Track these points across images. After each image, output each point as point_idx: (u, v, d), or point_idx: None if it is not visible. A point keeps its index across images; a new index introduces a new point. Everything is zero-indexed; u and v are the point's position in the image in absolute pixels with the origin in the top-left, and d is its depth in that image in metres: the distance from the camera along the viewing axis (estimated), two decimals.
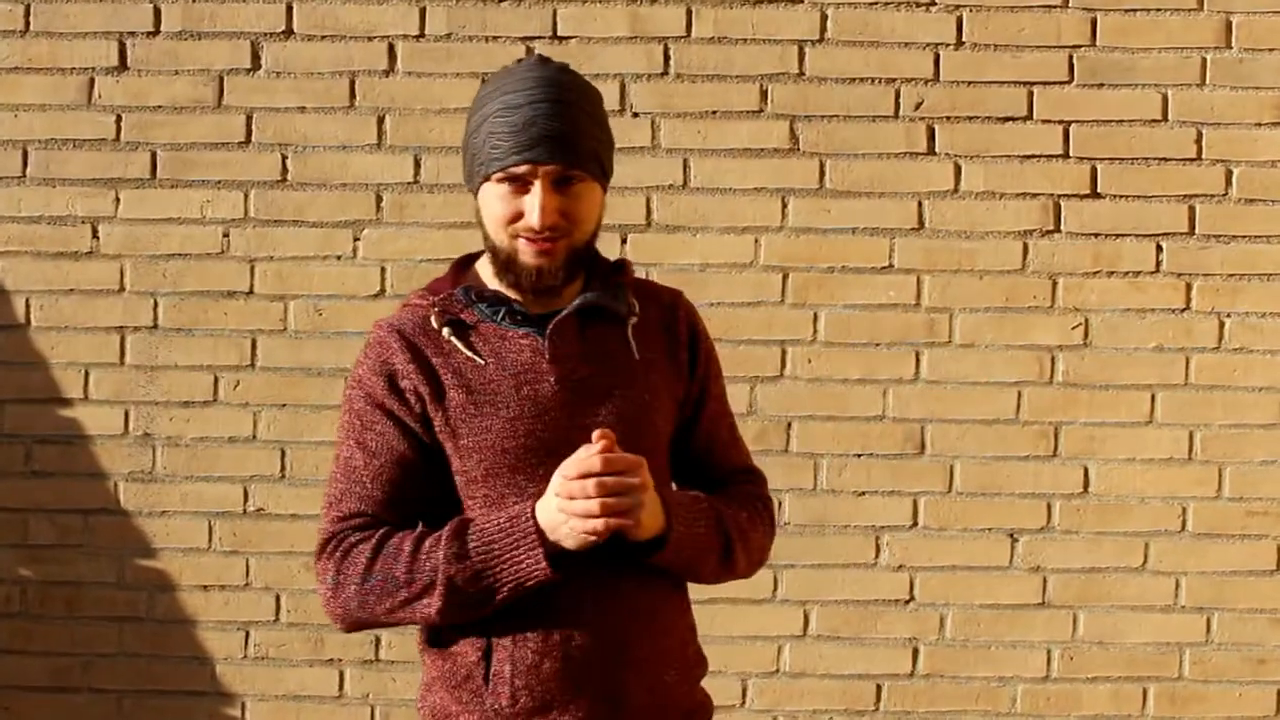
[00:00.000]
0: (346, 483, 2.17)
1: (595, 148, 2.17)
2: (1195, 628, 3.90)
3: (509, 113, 2.11)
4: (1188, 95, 3.86)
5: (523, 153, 2.10)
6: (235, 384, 3.95)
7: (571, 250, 2.17)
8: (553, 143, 2.11)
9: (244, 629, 3.97)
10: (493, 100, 2.15)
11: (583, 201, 2.17)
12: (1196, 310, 3.88)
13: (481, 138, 2.15)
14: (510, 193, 2.13)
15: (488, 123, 2.14)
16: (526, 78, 2.15)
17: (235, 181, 3.93)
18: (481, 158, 2.15)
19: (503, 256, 2.17)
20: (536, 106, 2.11)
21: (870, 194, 3.89)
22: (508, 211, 2.14)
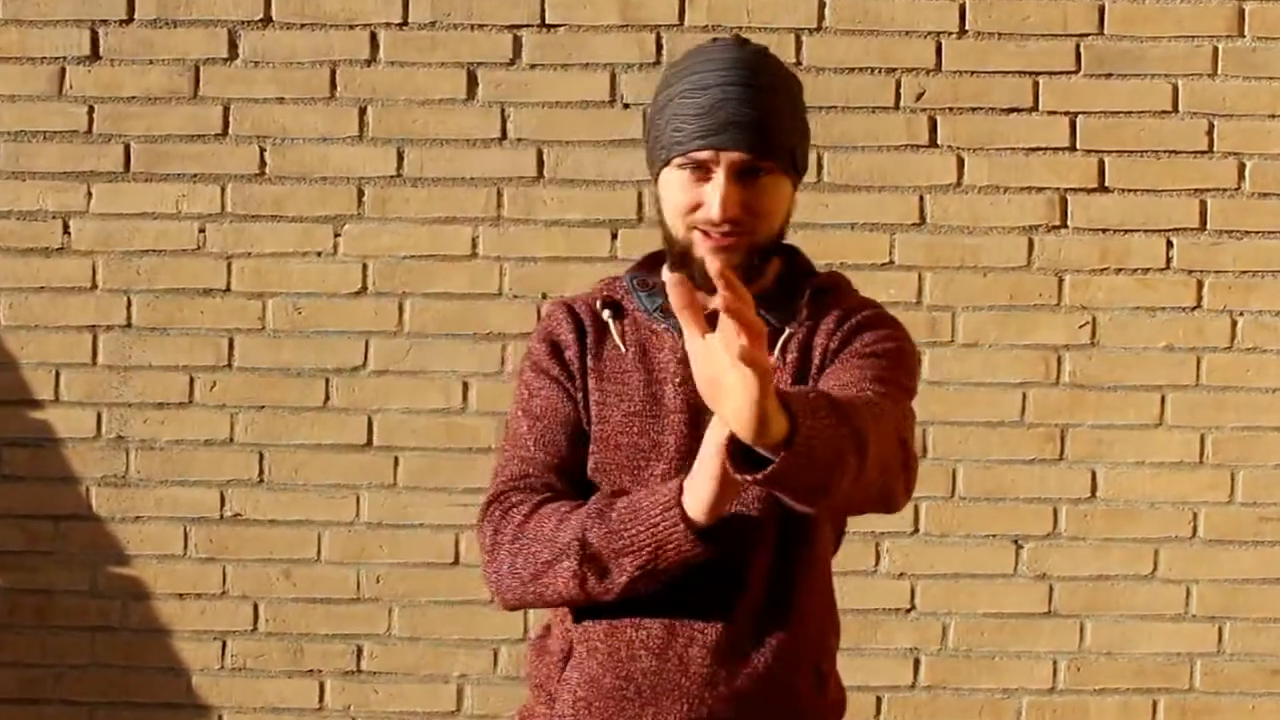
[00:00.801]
0: (512, 449, 2.14)
1: (788, 138, 2.08)
2: (1207, 637, 3.89)
3: (697, 94, 2.04)
4: (1199, 86, 3.85)
5: (707, 137, 2.02)
6: (211, 385, 3.93)
7: (752, 248, 2.08)
8: (741, 129, 2.02)
9: (220, 639, 3.96)
10: (681, 80, 2.08)
11: (769, 195, 2.07)
12: (1208, 308, 3.87)
13: (665, 119, 2.08)
14: (691, 180, 2.06)
15: (673, 104, 2.07)
16: (720, 58, 2.07)
17: (211, 175, 3.91)
18: (663, 140, 2.08)
19: (677, 249, 2.11)
20: (727, 89, 2.02)
21: (870, 188, 3.88)
22: (687, 200, 2.07)
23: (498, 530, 2.08)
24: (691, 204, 2.07)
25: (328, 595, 3.94)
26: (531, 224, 3.90)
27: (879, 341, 2.15)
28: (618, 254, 3.86)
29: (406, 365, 3.91)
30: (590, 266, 3.85)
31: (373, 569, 3.93)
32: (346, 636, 3.94)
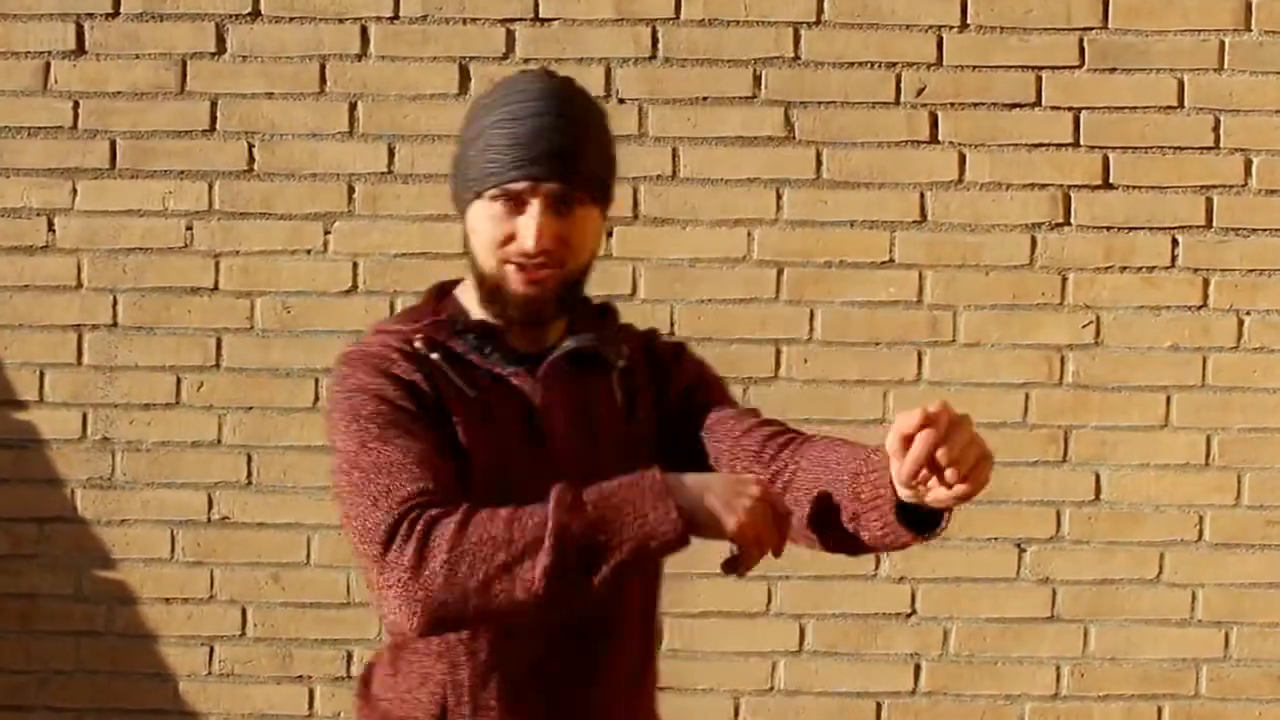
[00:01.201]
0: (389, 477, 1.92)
1: (600, 168, 2.10)
2: (1213, 643, 3.89)
3: (510, 124, 2.03)
4: (1205, 80, 3.84)
5: (523, 168, 2.01)
6: (199, 385, 3.92)
7: (564, 281, 2.08)
8: (555, 159, 2.02)
9: (208, 644, 3.95)
10: (492, 111, 2.06)
11: (582, 227, 2.08)
12: (1214, 308, 3.86)
13: (476, 150, 2.06)
14: (504, 213, 2.04)
15: (485, 135, 2.05)
16: (531, 89, 2.06)
17: (199, 172, 3.90)
18: (474, 172, 2.06)
19: (489, 284, 2.08)
20: (541, 119, 2.02)
21: (870, 185, 3.87)
22: (499, 233, 2.05)
23: (425, 544, 1.85)
24: (504, 236, 2.05)
25: (317, 599, 3.93)
26: None
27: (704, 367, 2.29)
28: (613, 251, 3.84)
29: None
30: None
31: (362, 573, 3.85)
32: (336, 641, 3.94)
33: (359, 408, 2.00)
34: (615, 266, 3.83)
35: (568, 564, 1.85)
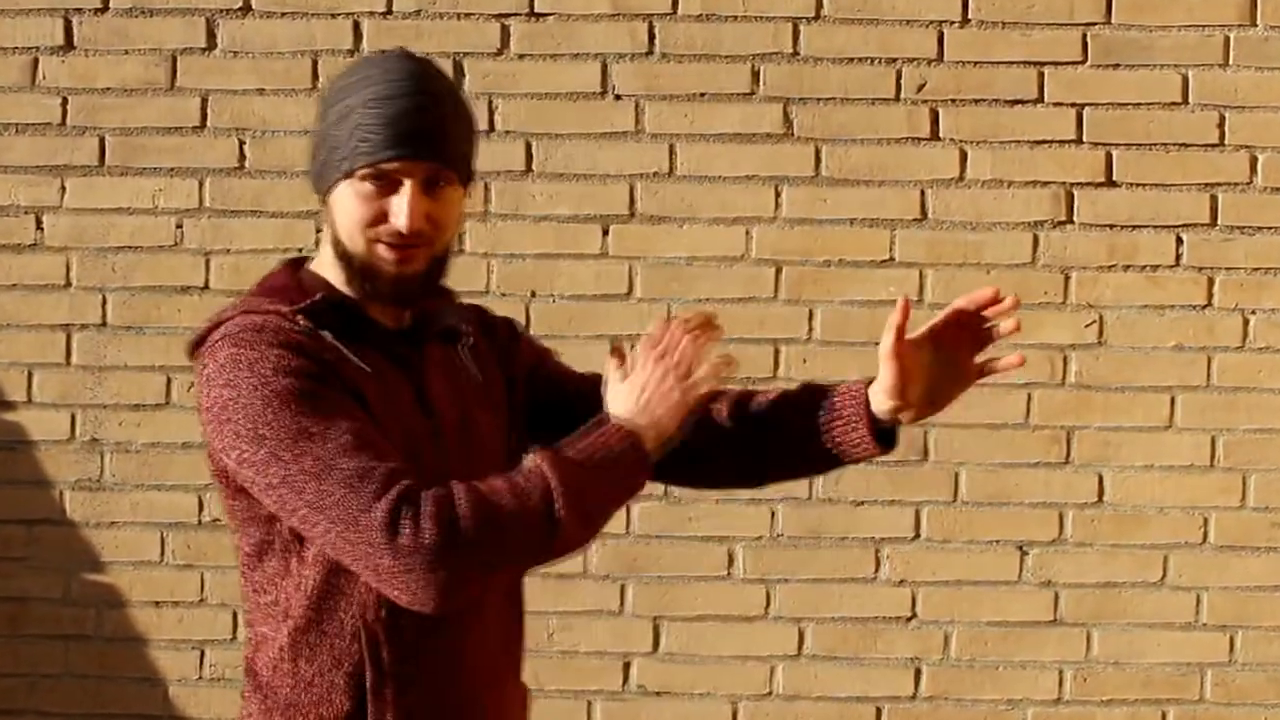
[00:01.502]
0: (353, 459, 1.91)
1: (464, 148, 2.12)
2: (1218, 647, 3.89)
3: (380, 104, 2.03)
4: (1209, 76, 3.84)
5: (395, 147, 2.02)
6: (189, 385, 3.89)
7: (432, 259, 2.10)
8: (428, 139, 2.04)
9: (199, 648, 3.95)
10: (358, 90, 2.06)
11: (449, 207, 2.10)
12: (1219, 307, 3.86)
13: (344, 130, 2.05)
14: (374, 192, 2.05)
15: (354, 114, 2.04)
16: (396, 69, 2.07)
17: (189, 169, 3.90)
18: (344, 151, 2.05)
19: (358, 264, 2.08)
20: (411, 99, 2.03)
21: (869, 182, 3.87)
22: (370, 213, 2.06)
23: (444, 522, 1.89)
24: (375, 216, 2.06)
25: None
26: (519, 219, 3.87)
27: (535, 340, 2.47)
28: (609, 250, 3.85)
29: None
30: (581, 263, 3.86)
31: None
32: None
33: (278, 387, 1.96)
34: (611, 265, 3.84)
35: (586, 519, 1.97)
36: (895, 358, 2.18)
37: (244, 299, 2.12)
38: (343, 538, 1.90)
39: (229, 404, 1.96)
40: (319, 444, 1.92)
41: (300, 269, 2.18)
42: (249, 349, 1.98)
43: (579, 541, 2.00)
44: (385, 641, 2.04)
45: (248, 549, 2.08)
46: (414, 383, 2.12)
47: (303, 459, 1.92)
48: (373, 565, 1.90)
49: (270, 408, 1.94)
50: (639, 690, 3.90)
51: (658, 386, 2.08)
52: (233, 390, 1.96)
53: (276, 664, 2.07)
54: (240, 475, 1.98)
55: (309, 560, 2.02)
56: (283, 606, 2.05)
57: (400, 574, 1.89)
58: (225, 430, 1.96)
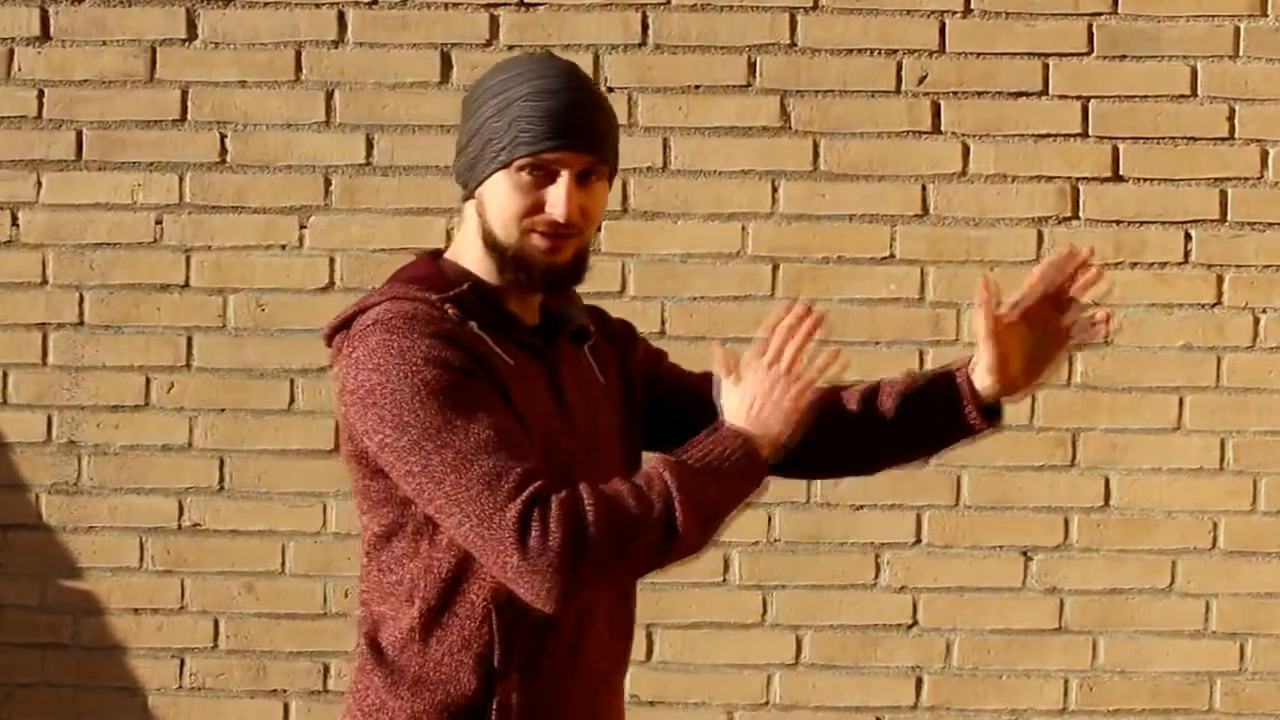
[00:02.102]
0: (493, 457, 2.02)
1: (615, 146, 2.25)
2: (1228, 655, 3.89)
3: (543, 97, 2.13)
4: (1219, 68, 3.84)
5: (557, 138, 2.12)
6: (169, 386, 3.91)
7: (579, 250, 2.21)
8: (586, 132, 2.15)
9: (179, 656, 3.95)
10: (519, 84, 2.16)
11: (598, 200, 2.21)
12: (1229, 305, 3.86)
13: (504, 121, 2.14)
14: (532, 183, 2.15)
15: (515, 106, 2.14)
16: (555, 66, 2.19)
17: (169, 163, 3.90)
18: (503, 142, 2.15)
19: (510, 253, 2.18)
20: (573, 94, 2.15)
21: (869, 177, 3.87)
22: (527, 203, 2.16)
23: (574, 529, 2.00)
24: (532, 206, 2.16)
25: (293, 610, 3.91)
26: None
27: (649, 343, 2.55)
28: (601, 247, 3.82)
29: None
30: None
31: (340, 582, 3.88)
32: (313, 654, 3.92)
33: (428, 378, 2.06)
34: (603, 262, 3.82)
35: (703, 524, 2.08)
36: (992, 338, 2.29)
37: (388, 285, 2.21)
38: (475, 532, 2.02)
39: (377, 388, 2.06)
40: (461, 438, 2.02)
41: (439, 258, 2.27)
42: (401, 336, 2.08)
43: (696, 547, 2.10)
44: (514, 626, 2.14)
45: (377, 529, 2.18)
46: (550, 379, 2.22)
47: (444, 451, 2.03)
48: (500, 562, 2.02)
49: (418, 396, 2.04)
50: (632, 700, 3.83)
51: (768, 395, 2.16)
52: (382, 375, 2.06)
53: (405, 643, 2.17)
54: (381, 459, 2.07)
55: (441, 545, 2.13)
56: (408, 587, 2.16)
57: (526, 574, 2.00)
58: (370, 414, 2.06)
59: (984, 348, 2.30)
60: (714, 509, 2.09)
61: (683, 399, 2.44)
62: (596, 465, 2.20)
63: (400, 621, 2.17)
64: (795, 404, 2.16)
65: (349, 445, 2.15)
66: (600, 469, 2.18)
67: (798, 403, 2.16)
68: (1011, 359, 2.31)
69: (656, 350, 2.53)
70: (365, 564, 2.21)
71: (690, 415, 2.36)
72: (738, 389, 2.19)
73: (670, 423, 2.41)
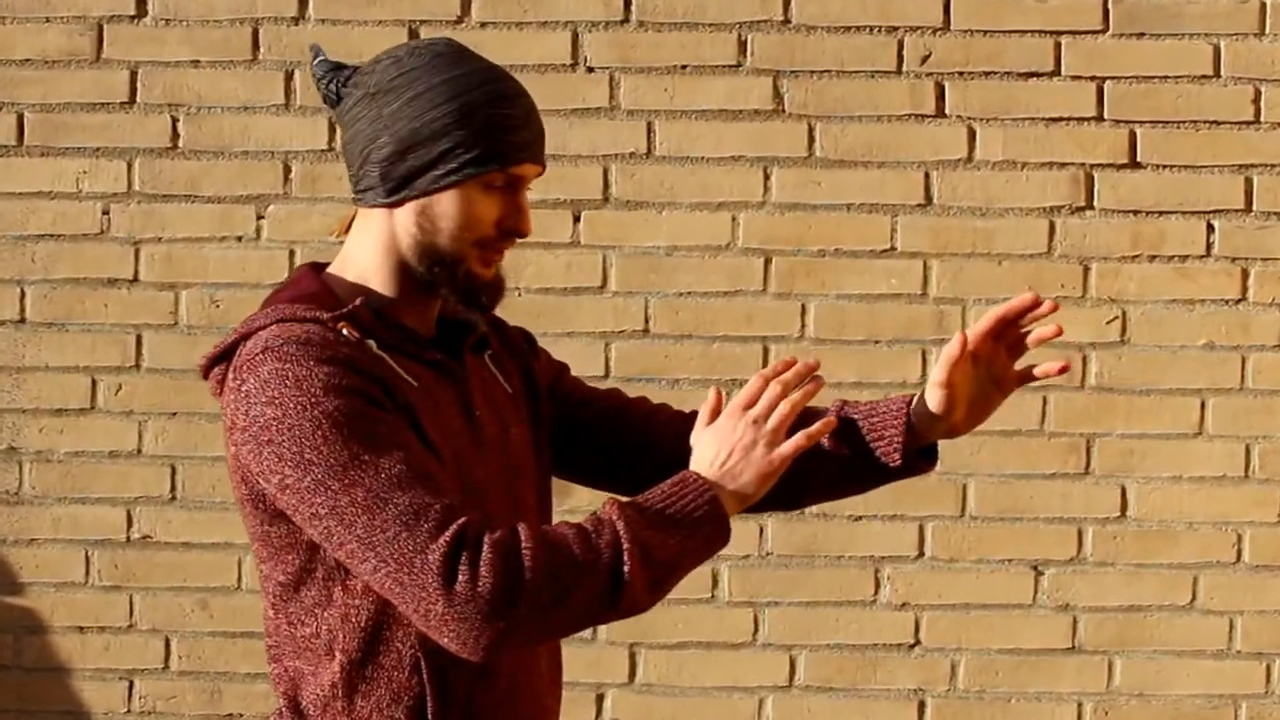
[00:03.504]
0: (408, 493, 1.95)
1: None
2: (1253, 676, 3.88)
3: (509, 104, 2.13)
4: (1244, 47, 3.83)
5: (531, 149, 2.14)
6: (117, 388, 3.90)
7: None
8: (543, 141, 2.19)
9: (127, 678, 3.94)
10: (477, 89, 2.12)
11: None
12: (1254, 301, 3.86)
13: (476, 125, 2.10)
14: (499, 194, 2.13)
15: (482, 112, 2.10)
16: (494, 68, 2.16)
17: (117, 149, 3.90)
18: (474, 151, 2.10)
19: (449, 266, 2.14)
20: (527, 98, 2.16)
21: (868, 163, 3.87)
22: (494, 215, 2.14)
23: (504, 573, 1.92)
24: (494, 218, 2.14)
25: (249, 628, 3.87)
26: None
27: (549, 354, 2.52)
28: (580, 239, 3.88)
29: None
30: (549, 253, 3.90)
31: None
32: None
33: (329, 409, 1.98)
34: (583, 255, 3.85)
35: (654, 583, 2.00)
36: (946, 386, 2.27)
37: (272, 306, 2.13)
38: (393, 578, 1.94)
39: (272, 424, 1.97)
40: (371, 474, 1.95)
41: (323, 273, 2.22)
42: (295, 364, 1.99)
43: (643, 605, 2.02)
44: (447, 672, 2.09)
45: (282, 578, 2.09)
46: (458, 395, 2.17)
47: (353, 489, 1.95)
48: (423, 610, 1.94)
49: (320, 430, 1.96)
50: None
51: (746, 451, 2.11)
52: (278, 409, 1.97)
53: (327, 702, 2.09)
54: (281, 501, 1.99)
55: (357, 590, 2.05)
56: (325, 639, 2.08)
57: (452, 621, 1.93)
58: (266, 452, 1.97)
59: (935, 394, 2.27)
60: (668, 567, 2.02)
61: (589, 414, 2.42)
62: (514, 484, 2.17)
63: (321, 678, 2.09)
64: (771, 467, 2.09)
65: (242, 488, 2.05)
66: (518, 488, 2.17)
67: (773, 466, 2.10)
68: (959, 403, 2.28)
69: (559, 362, 2.51)
70: (272, 616, 2.12)
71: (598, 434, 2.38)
72: (711, 432, 2.13)
73: (577, 439, 2.40)
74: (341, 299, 2.12)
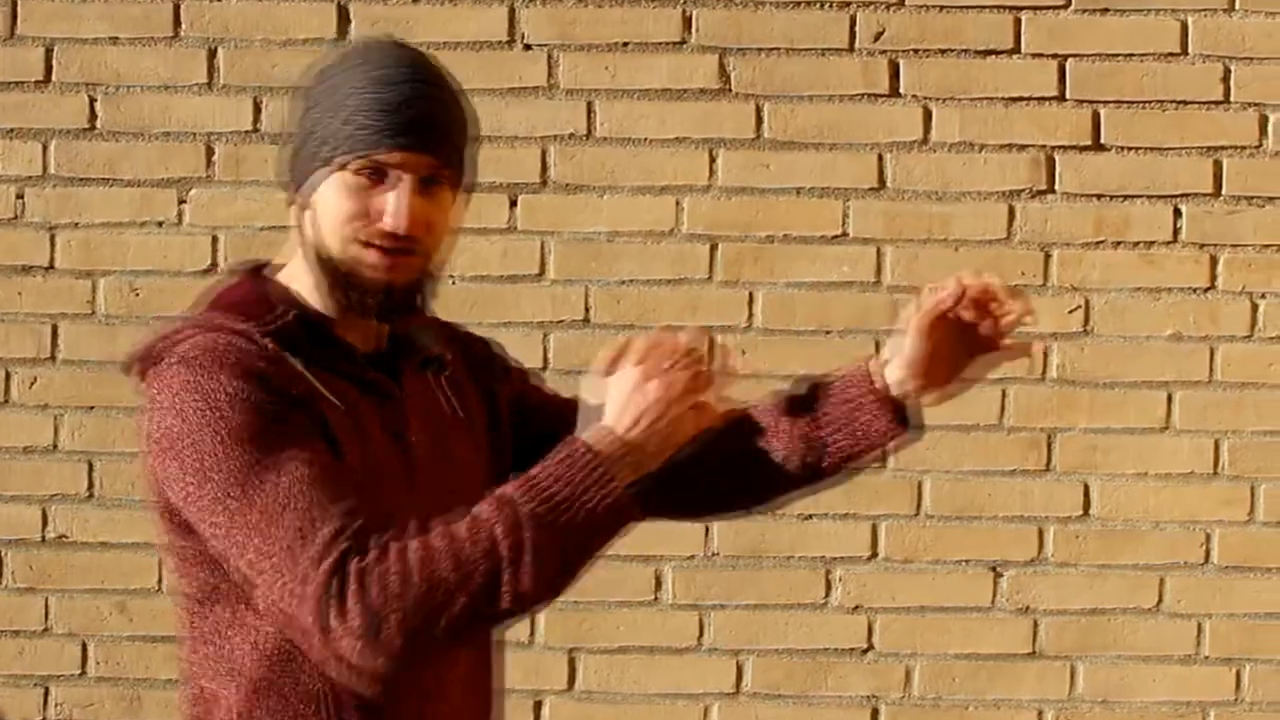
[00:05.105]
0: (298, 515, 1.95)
1: (464, 149, 2.18)
2: (1222, 682, 3.89)
3: (381, 89, 2.08)
4: (1212, 24, 3.84)
5: (396, 136, 2.06)
6: (31, 381, 3.90)
7: (423, 269, 2.15)
8: (430, 130, 2.09)
9: (42, 685, 3.94)
10: (353, 73, 2.11)
11: (444, 212, 2.14)
12: (1223, 290, 3.86)
13: (334, 117, 2.09)
14: (366, 187, 2.09)
15: (348, 100, 2.09)
16: (396, 56, 2.14)
17: (31, 130, 3.90)
18: (333, 140, 2.09)
19: (342, 269, 2.11)
20: (415, 86, 2.09)
21: (819, 145, 3.88)
22: (358, 210, 2.09)
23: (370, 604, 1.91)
24: (364, 213, 2.09)
25: (170, 633, 3.64)
26: None
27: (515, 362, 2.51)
28: (517, 224, 3.89)
29: None
30: (484, 239, 3.89)
31: None
32: None
33: (234, 423, 2.00)
34: (520, 242, 3.86)
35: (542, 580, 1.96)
36: (927, 332, 2.25)
37: (200, 313, 2.15)
38: (278, 608, 1.96)
39: (178, 436, 2.00)
40: (269, 488, 1.97)
41: (263, 278, 2.20)
42: (205, 375, 2.01)
43: (536, 601, 1.98)
44: (350, 707, 2.07)
45: (191, 592, 2.10)
46: (388, 417, 2.16)
47: (248, 509, 1.97)
48: (306, 643, 1.96)
49: (222, 444, 1.98)
50: None
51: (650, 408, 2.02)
52: (182, 421, 1.99)
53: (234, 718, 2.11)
54: (185, 512, 2.02)
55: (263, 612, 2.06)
56: (231, 662, 2.08)
57: (333, 660, 1.94)
58: (171, 464, 2.01)
59: (915, 341, 2.25)
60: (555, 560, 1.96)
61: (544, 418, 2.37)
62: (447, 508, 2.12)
63: (225, 702, 2.09)
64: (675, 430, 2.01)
65: (154, 496, 2.07)
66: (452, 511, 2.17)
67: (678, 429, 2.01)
68: (940, 359, 2.27)
69: (521, 369, 2.49)
70: (183, 631, 2.11)
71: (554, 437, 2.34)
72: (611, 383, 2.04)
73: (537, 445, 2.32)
74: (274, 308, 2.11)
